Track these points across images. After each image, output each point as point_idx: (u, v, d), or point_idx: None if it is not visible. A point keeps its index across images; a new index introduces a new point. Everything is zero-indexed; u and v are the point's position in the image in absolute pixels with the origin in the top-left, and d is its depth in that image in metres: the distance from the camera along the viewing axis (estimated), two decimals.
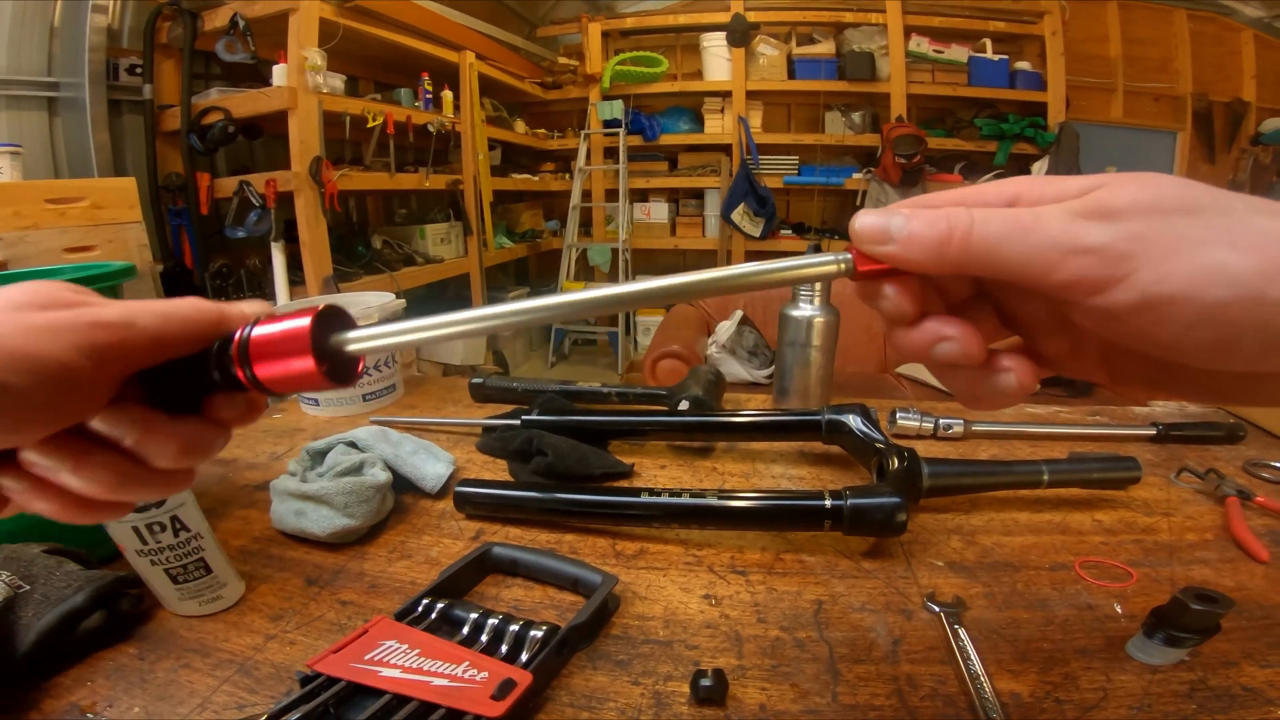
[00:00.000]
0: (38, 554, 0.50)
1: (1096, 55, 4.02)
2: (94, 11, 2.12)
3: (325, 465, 0.63)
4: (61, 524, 0.51)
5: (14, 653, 0.43)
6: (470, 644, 0.43)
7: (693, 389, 0.79)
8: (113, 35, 2.22)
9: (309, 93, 2.19)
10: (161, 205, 2.28)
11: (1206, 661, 0.43)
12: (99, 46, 2.15)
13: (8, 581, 0.46)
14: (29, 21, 2.08)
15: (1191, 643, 0.42)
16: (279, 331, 0.25)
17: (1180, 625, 0.41)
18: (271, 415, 0.96)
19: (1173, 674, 0.42)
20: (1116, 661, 0.43)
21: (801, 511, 0.54)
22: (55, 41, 2.14)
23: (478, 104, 3.25)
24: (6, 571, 0.47)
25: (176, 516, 0.46)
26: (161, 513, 0.45)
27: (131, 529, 0.45)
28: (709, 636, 0.47)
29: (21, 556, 0.49)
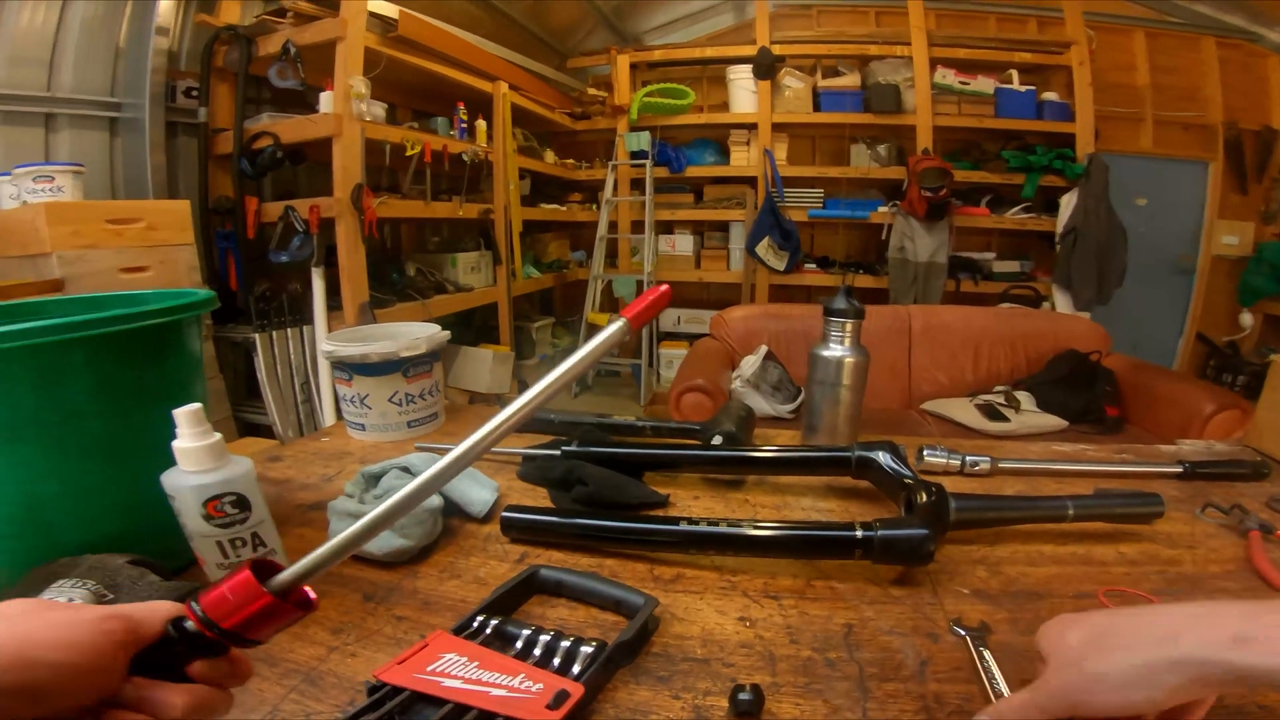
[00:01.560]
0: (122, 564, 0.53)
1: (1124, 84, 4.01)
2: (157, 33, 2.20)
3: (380, 488, 0.67)
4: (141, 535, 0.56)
5: None
6: (524, 658, 0.47)
7: (725, 424, 0.83)
8: (172, 58, 2.30)
9: (353, 120, 2.28)
10: (210, 228, 2.36)
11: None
12: (160, 68, 2.23)
13: (93, 590, 0.49)
14: (96, 41, 2.16)
15: None
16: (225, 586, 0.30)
17: None
18: (320, 439, 1.01)
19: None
20: None
21: (834, 541, 0.57)
22: (119, 62, 2.22)
23: (510, 134, 3.35)
24: (92, 580, 0.50)
25: (257, 533, 0.50)
26: (245, 529, 0.49)
27: (215, 543, 0.49)
28: (744, 655, 0.50)
29: (106, 566, 0.52)
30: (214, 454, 0.47)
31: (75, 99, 2.12)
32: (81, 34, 2.11)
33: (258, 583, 0.30)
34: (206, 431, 0.47)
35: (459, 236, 3.58)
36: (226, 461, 0.48)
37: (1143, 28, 3.99)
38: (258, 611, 0.30)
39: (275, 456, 0.92)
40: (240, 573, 0.31)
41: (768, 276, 4.03)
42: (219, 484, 0.47)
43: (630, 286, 4.08)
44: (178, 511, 0.48)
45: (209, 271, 2.33)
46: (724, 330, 2.70)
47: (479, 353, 3.24)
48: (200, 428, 0.47)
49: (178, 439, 0.47)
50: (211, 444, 0.47)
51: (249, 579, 0.30)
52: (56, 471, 0.54)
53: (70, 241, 1.72)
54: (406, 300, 2.67)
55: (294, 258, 2.24)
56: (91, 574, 0.51)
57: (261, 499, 0.51)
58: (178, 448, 0.47)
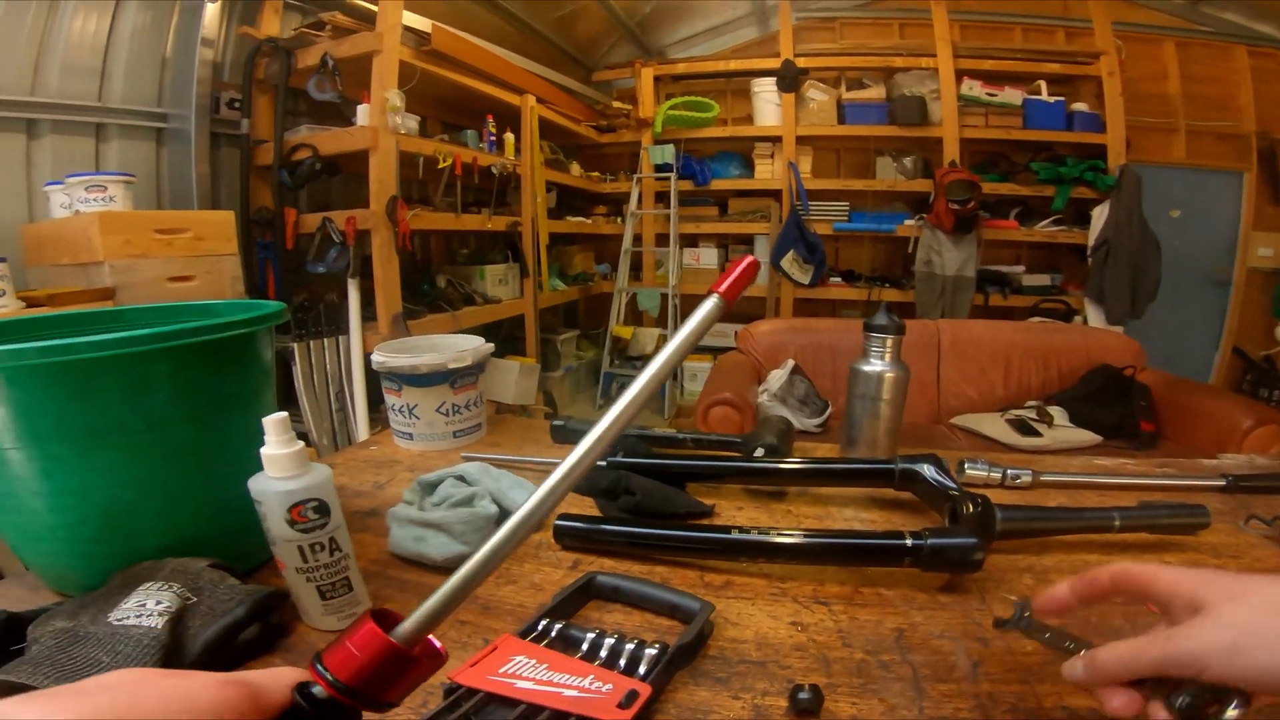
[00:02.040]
0: (203, 568, 0.55)
1: (1155, 94, 3.96)
2: (203, 45, 2.26)
3: (438, 496, 0.69)
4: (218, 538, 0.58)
5: (183, 660, 0.48)
6: (590, 659, 0.48)
7: (767, 437, 0.85)
8: (216, 69, 2.35)
9: (388, 133, 2.33)
10: (251, 238, 2.42)
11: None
12: (205, 79, 2.28)
13: (179, 593, 0.51)
14: (144, 52, 2.22)
15: None
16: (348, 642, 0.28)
17: None
18: (369, 447, 1.04)
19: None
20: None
21: (885, 549, 0.58)
22: (166, 73, 2.28)
23: (537, 146, 3.40)
24: (176, 583, 0.52)
25: (334, 538, 0.52)
26: (324, 534, 0.52)
27: (296, 548, 0.51)
28: (799, 658, 0.51)
29: (188, 570, 0.55)
30: (298, 461, 0.50)
31: (125, 109, 2.17)
32: (131, 44, 2.17)
33: (383, 633, 0.28)
34: (291, 439, 0.50)
35: (487, 249, 3.64)
36: (309, 469, 0.51)
37: (1172, 37, 3.95)
38: (387, 665, 0.28)
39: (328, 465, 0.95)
40: (362, 625, 0.28)
41: (793, 290, 4.03)
42: (303, 490, 0.50)
43: (655, 300, 4.10)
44: (263, 516, 0.51)
45: (249, 281, 2.38)
46: (750, 344, 2.71)
47: (506, 364, 3.28)
48: (286, 435, 0.49)
49: (266, 446, 0.49)
50: (296, 451, 0.49)
51: (373, 630, 0.28)
52: (139, 477, 0.56)
53: (122, 251, 1.77)
54: (437, 312, 2.72)
55: (330, 269, 2.30)
56: (175, 577, 0.53)
57: (338, 505, 0.53)
58: (265, 454, 0.49)
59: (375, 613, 0.29)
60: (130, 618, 0.48)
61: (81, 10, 2.04)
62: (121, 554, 0.57)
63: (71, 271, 1.82)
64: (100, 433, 0.54)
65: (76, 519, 0.56)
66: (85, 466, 0.54)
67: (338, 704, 0.28)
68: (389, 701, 0.29)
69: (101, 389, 0.53)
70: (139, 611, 0.48)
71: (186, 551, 0.58)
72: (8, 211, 1.96)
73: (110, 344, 0.51)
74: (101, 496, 0.55)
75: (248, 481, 0.51)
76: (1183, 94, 3.97)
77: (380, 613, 0.30)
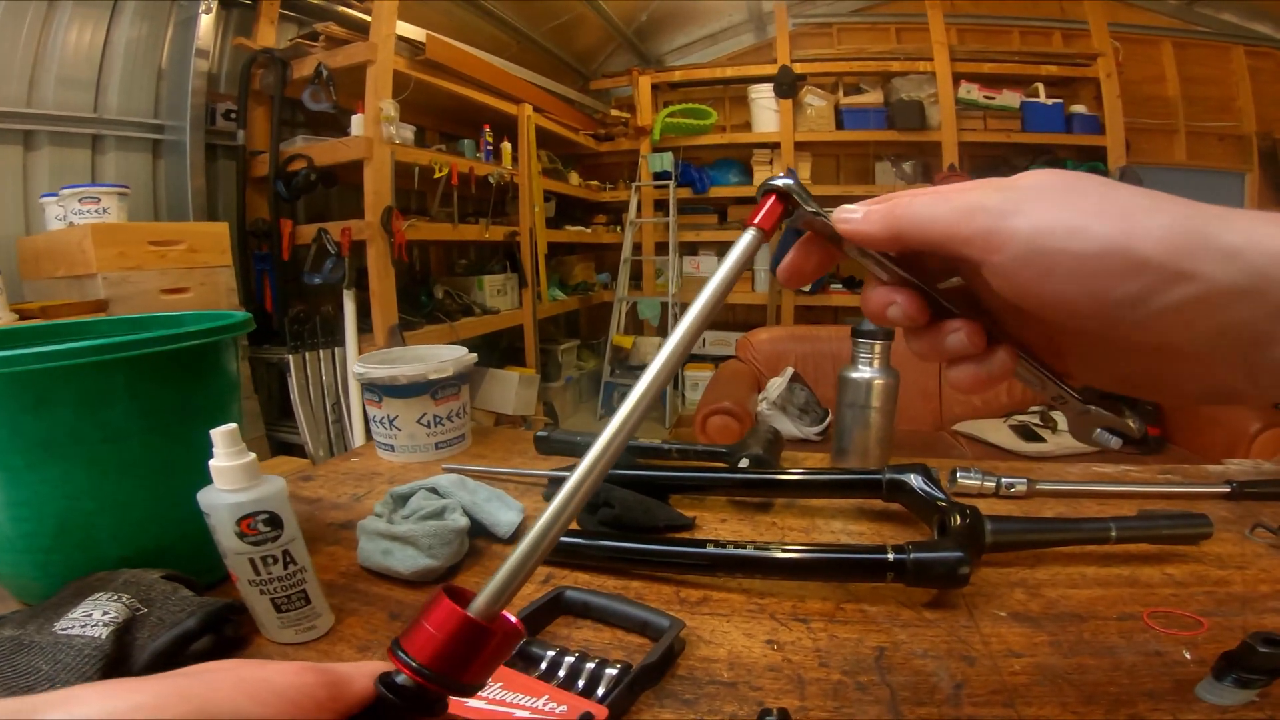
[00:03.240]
0: (156, 579, 0.54)
1: (1155, 96, 3.95)
2: (198, 56, 2.27)
3: (409, 509, 0.67)
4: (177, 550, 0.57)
5: (129, 671, 0.46)
6: (548, 679, 0.46)
7: (753, 447, 0.82)
8: (211, 80, 2.36)
9: (383, 143, 2.33)
10: (247, 250, 2.42)
11: (1276, 702, 0.43)
12: (200, 90, 2.29)
13: (128, 604, 0.50)
14: (140, 63, 2.22)
15: (1261, 684, 0.42)
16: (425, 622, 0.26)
17: (1250, 667, 0.42)
18: (350, 459, 1.02)
19: (1242, 713, 0.43)
20: (1185, 703, 0.44)
21: (865, 564, 0.56)
22: (162, 84, 2.28)
23: (535, 156, 3.40)
24: (127, 594, 0.51)
25: (288, 551, 0.51)
26: (276, 547, 0.50)
27: (248, 560, 0.50)
28: (772, 679, 0.49)
29: (141, 581, 0.54)
30: (248, 473, 0.48)
31: (121, 120, 2.18)
32: (126, 56, 2.17)
33: (462, 609, 0.26)
34: (241, 451, 0.48)
35: (485, 259, 3.64)
36: (260, 481, 0.49)
37: (1170, 38, 3.94)
38: (469, 643, 0.26)
39: (307, 476, 0.94)
40: (438, 603, 0.26)
41: (793, 297, 4.03)
42: (252, 502, 0.48)
43: (655, 308, 4.09)
44: (213, 528, 0.49)
45: (245, 293, 2.38)
46: (750, 352, 2.69)
47: (505, 375, 3.26)
48: (235, 447, 0.48)
49: (214, 458, 0.48)
50: (246, 463, 0.48)
51: (450, 607, 0.26)
52: (95, 489, 0.55)
53: (116, 263, 1.77)
54: (435, 323, 2.71)
55: (326, 280, 2.29)
56: (126, 588, 0.52)
57: (293, 517, 0.51)
58: (214, 466, 0.48)
59: (448, 589, 0.27)
60: (75, 627, 0.47)
61: (77, 22, 2.05)
62: (80, 565, 0.56)
63: (66, 284, 1.82)
64: (55, 444, 0.53)
65: (31, 530, 0.55)
66: (39, 478, 0.53)
67: (424, 691, 0.26)
68: (474, 683, 0.27)
69: (55, 401, 0.52)
70: (84, 621, 0.47)
71: (149, 563, 0.57)
72: (4, 224, 1.96)
73: (59, 355, 0.50)
74: (57, 508, 0.54)
75: (197, 494, 0.49)
76: (1182, 95, 3.95)
77: (452, 589, 0.28)
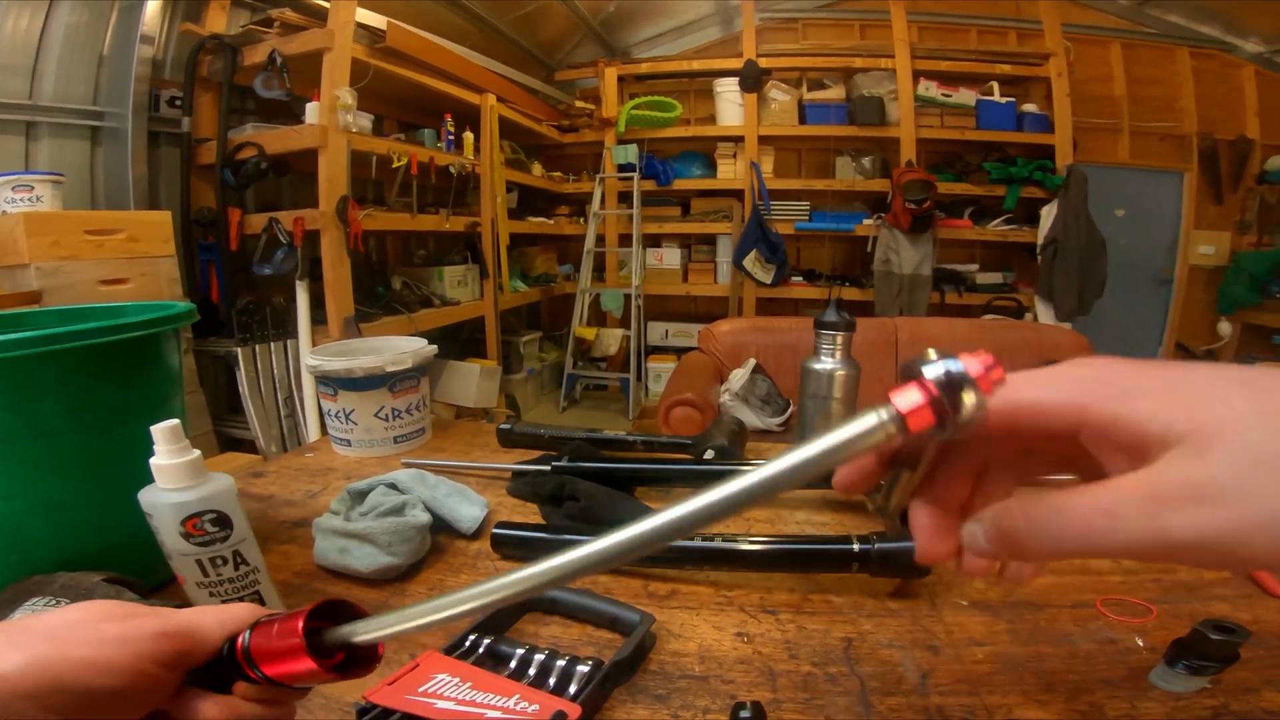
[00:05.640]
0: (98, 582, 0.51)
1: (1102, 96, 4.08)
2: (142, 42, 2.17)
3: (366, 505, 0.65)
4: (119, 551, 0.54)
5: None
6: (518, 678, 0.45)
7: (717, 438, 0.82)
8: (156, 66, 2.27)
9: (339, 132, 2.26)
10: (192, 240, 2.33)
11: (1228, 688, 0.45)
12: (144, 77, 2.19)
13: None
14: (79, 49, 2.12)
15: (1212, 671, 0.44)
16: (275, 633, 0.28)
17: (1201, 654, 0.43)
18: (304, 454, 0.98)
19: (1196, 700, 0.44)
20: (1140, 690, 0.45)
21: (831, 555, 0.56)
22: (102, 71, 2.19)
23: (497, 146, 3.34)
24: (65, 598, 0.49)
25: (238, 551, 0.48)
26: (225, 547, 0.47)
27: (195, 561, 0.47)
28: (743, 672, 0.49)
29: (81, 584, 0.51)
30: (192, 471, 0.46)
31: (57, 107, 2.08)
32: (65, 42, 2.08)
33: (304, 646, 0.27)
34: (185, 448, 0.45)
35: (446, 250, 3.57)
36: (206, 479, 0.47)
37: (1119, 39, 4.07)
38: (295, 672, 0.28)
39: (258, 472, 0.90)
40: (295, 618, 0.28)
41: (755, 289, 4.05)
42: (198, 502, 0.46)
43: (618, 300, 4.07)
44: (155, 529, 0.47)
45: (190, 284, 2.29)
46: (712, 344, 2.70)
47: (466, 367, 3.21)
48: (178, 444, 0.45)
49: (155, 456, 0.45)
50: (189, 461, 0.45)
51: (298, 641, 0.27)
52: (26, 488, 0.52)
53: (49, 253, 1.70)
54: (392, 314, 2.65)
55: (278, 270, 2.22)
56: (65, 592, 0.50)
57: (243, 517, 0.49)
58: (155, 465, 0.45)
59: (327, 604, 0.29)
60: None
61: (14, 9, 1.96)
62: (14, 568, 0.53)
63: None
64: None
65: None
66: None
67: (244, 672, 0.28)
68: (277, 681, 0.28)
69: None
70: None
71: (86, 565, 0.54)
72: None
73: None
74: None
75: (138, 494, 0.46)
76: (1128, 95, 4.10)
77: (332, 605, 0.29)
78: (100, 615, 0.27)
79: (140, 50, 2.18)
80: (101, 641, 0.26)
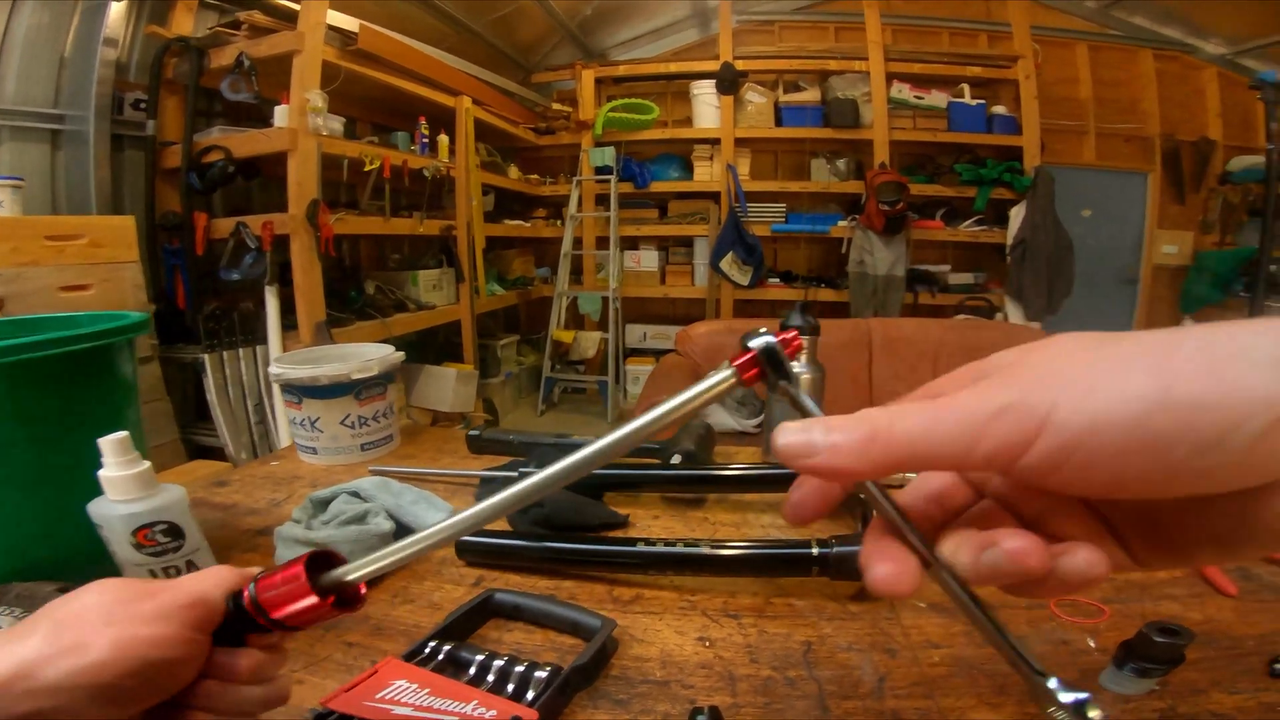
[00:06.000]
0: (51, 592, 0.51)
1: (1069, 98, 4.15)
2: (105, 44, 2.13)
3: (329, 514, 0.65)
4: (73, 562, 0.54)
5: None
6: (477, 684, 0.45)
7: (685, 443, 0.82)
8: (120, 69, 2.22)
9: (309, 135, 2.23)
10: (157, 244, 2.29)
11: (1176, 690, 0.45)
12: (107, 80, 2.15)
13: (19, 619, 0.47)
14: (40, 51, 2.08)
15: (1159, 673, 0.44)
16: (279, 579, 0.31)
17: (1147, 657, 0.44)
18: (270, 463, 0.97)
19: (1144, 703, 0.44)
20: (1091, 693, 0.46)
21: (791, 559, 0.57)
22: (64, 73, 2.14)
23: (473, 149, 3.32)
24: (20, 609, 0.48)
25: (192, 561, 0.48)
26: (178, 557, 0.47)
27: (148, 572, 0.47)
28: (704, 676, 0.49)
29: (36, 595, 0.51)
30: (142, 482, 0.45)
31: (17, 110, 2.03)
32: (26, 43, 2.03)
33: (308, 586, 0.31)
34: (134, 460, 0.45)
35: (420, 253, 3.54)
36: (157, 490, 0.46)
37: (1085, 41, 4.14)
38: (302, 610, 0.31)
39: (222, 481, 0.89)
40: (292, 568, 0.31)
41: (732, 291, 4.06)
42: (149, 513, 0.45)
43: (595, 303, 4.07)
44: (106, 540, 0.46)
45: (156, 290, 2.24)
46: (689, 346, 2.70)
47: (442, 372, 3.19)
48: (127, 456, 0.45)
49: (104, 468, 0.45)
50: (139, 472, 0.45)
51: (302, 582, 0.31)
52: None
53: (9, 259, 1.65)
54: (366, 319, 2.62)
55: (246, 276, 2.18)
56: (19, 602, 0.50)
57: (195, 527, 0.49)
58: (104, 477, 0.45)
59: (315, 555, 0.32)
60: None
61: None
62: None
63: None
64: None
65: None
66: None
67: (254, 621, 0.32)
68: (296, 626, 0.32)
69: None
70: None
71: (40, 576, 0.53)
72: None
73: None
74: None
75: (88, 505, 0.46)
76: (1094, 97, 4.17)
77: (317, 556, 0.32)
78: (128, 596, 0.29)
79: (103, 52, 2.14)
80: (149, 619, 0.28)
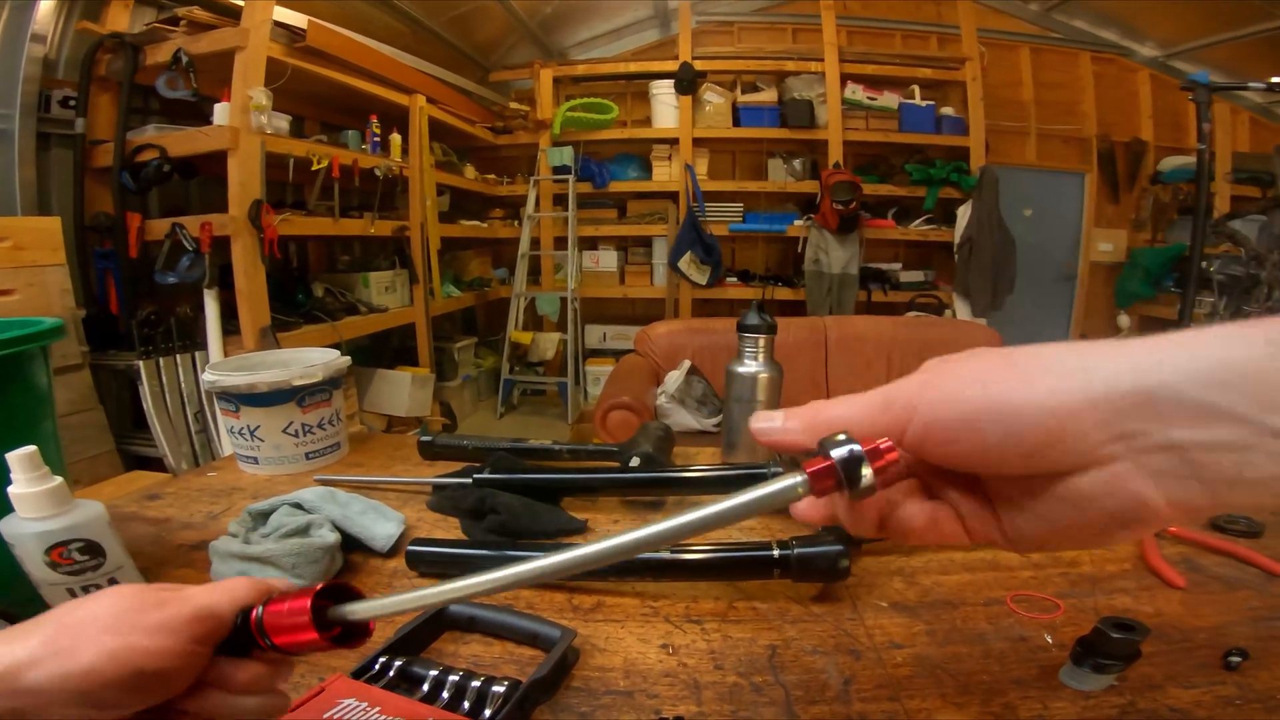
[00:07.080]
0: None
1: (1012, 100, 4.29)
2: (32, 40, 2.03)
3: (269, 526, 0.61)
4: None
5: None
6: (431, 701, 0.43)
7: (643, 445, 0.81)
8: (48, 66, 2.11)
9: (251, 133, 2.15)
10: (87, 247, 2.16)
11: (1134, 685, 0.46)
12: (34, 77, 2.05)
13: None
14: None
15: (1116, 669, 0.45)
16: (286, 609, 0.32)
17: (1104, 653, 0.44)
18: (207, 474, 0.92)
19: (1104, 699, 0.45)
20: (1051, 690, 0.46)
21: (751, 562, 0.56)
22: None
23: (427, 148, 3.25)
24: None
25: (114, 579, 0.44)
26: (99, 575, 0.43)
27: (66, 590, 0.43)
28: (668, 685, 0.48)
29: None
30: (55, 499, 0.41)
31: None
32: None
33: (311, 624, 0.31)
34: (45, 475, 0.41)
35: (372, 255, 3.44)
36: (72, 506, 0.43)
37: (1028, 43, 4.29)
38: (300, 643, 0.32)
39: (155, 494, 0.84)
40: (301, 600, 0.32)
41: (691, 291, 4.08)
42: (63, 530, 0.42)
43: (554, 304, 4.02)
44: (19, 559, 0.43)
45: (86, 294, 2.12)
46: (648, 346, 2.70)
47: (397, 375, 3.11)
48: (37, 471, 0.41)
49: (12, 484, 0.41)
50: (51, 489, 0.41)
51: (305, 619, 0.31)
52: None
53: None
54: (314, 323, 2.52)
55: (183, 279, 2.08)
56: None
57: (118, 543, 0.45)
58: (13, 494, 0.41)
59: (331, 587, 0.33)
60: None
61: None
62: None
63: None
64: None
65: None
66: None
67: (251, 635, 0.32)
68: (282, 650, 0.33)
69: None
70: None
71: None
72: None
73: None
74: None
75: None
76: (1035, 99, 4.33)
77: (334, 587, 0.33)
78: (137, 605, 0.30)
79: (30, 49, 2.03)
80: (151, 630, 0.29)
